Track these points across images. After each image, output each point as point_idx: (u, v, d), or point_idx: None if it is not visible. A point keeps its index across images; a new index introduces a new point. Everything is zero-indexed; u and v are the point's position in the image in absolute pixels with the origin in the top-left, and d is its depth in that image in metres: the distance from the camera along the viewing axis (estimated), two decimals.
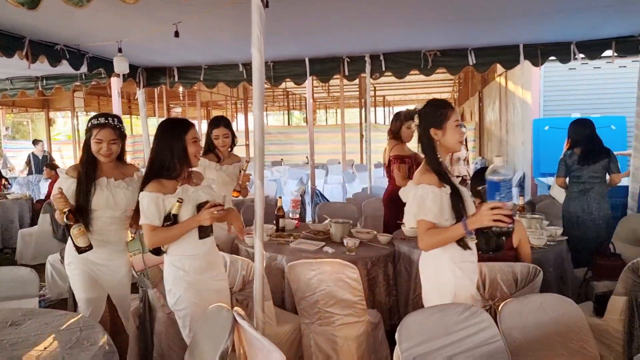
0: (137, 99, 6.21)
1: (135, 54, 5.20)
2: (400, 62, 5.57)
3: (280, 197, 4.10)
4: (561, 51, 5.22)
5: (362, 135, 12.85)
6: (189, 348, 2.02)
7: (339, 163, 11.90)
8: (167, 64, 6.00)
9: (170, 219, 2.41)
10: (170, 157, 2.43)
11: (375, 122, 18.02)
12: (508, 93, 9.58)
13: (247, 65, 5.88)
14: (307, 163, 12.67)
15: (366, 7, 3.89)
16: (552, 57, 5.30)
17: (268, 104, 18.59)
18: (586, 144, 4.40)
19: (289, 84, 8.89)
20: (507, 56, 5.34)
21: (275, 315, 2.97)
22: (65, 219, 2.53)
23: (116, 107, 7.17)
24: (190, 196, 2.46)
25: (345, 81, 10.47)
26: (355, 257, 3.36)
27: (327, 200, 7.22)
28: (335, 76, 6.08)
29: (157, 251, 2.51)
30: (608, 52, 5.21)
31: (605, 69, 7.12)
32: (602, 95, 7.35)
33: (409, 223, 2.24)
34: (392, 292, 3.56)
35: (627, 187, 5.14)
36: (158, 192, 2.41)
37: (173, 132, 2.47)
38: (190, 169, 2.56)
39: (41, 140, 11.77)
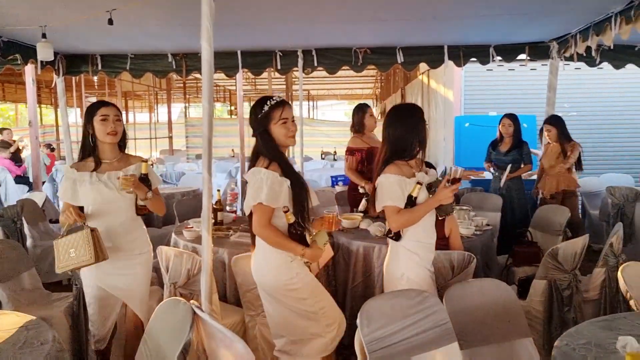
0: (50, 87, 5.86)
1: (56, 40, 4.91)
2: (332, 58, 5.68)
3: (218, 190, 4.07)
4: (481, 53, 5.57)
5: None
6: (143, 341, 1.99)
7: None
8: (90, 51, 5.71)
9: (410, 202, 2.41)
10: (412, 140, 2.46)
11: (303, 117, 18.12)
12: (430, 91, 10.03)
13: (177, 56, 5.74)
14: (233, 156, 12.55)
15: (302, 2, 3.95)
16: (473, 59, 5.64)
17: (191, 95, 18.12)
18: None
19: (215, 76, 8.71)
20: (433, 56, 5.62)
21: (220, 309, 2.97)
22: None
23: (31, 96, 6.70)
24: (424, 180, 2.48)
25: (272, 75, 10.44)
26: None
27: None
28: (266, 69, 6.11)
29: (397, 236, 2.48)
30: (522, 56, 5.63)
31: (518, 71, 7.67)
32: (515, 95, 7.90)
33: None
34: (332, 282, 3.66)
35: None
36: (401, 175, 2.42)
37: (414, 116, 2.51)
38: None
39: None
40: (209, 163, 2.55)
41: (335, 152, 11.79)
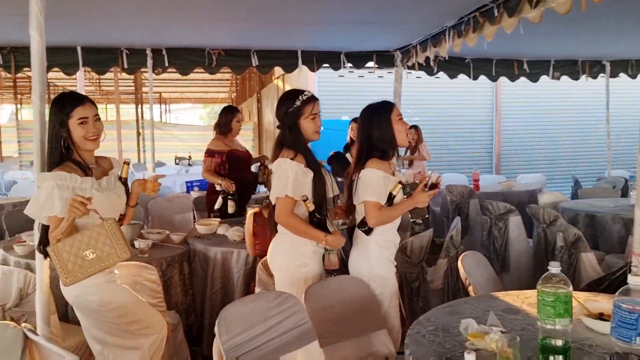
0: None
1: None
2: (184, 59, 5.47)
3: None
4: (333, 59, 5.78)
5: (139, 133, 12.20)
6: None
7: None
8: None
9: (389, 200, 2.45)
10: (392, 140, 2.51)
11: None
12: None
13: (4, 49, 5.08)
14: None
15: None
16: (326, 64, 5.83)
17: (24, 95, 16.25)
18: None
19: (51, 74, 7.85)
20: (287, 60, 5.69)
21: (60, 330, 2.66)
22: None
23: None
24: (403, 180, 2.49)
25: (119, 75, 9.79)
26: (149, 258, 3.21)
27: None
28: (112, 69, 5.70)
29: (370, 230, 2.49)
30: (370, 63, 5.97)
31: (367, 78, 8.12)
32: (365, 100, 8.24)
33: None
34: (189, 292, 3.50)
35: None
36: (385, 172, 2.46)
37: (380, 114, 2.57)
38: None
39: None
40: (42, 169, 2.29)
41: (190, 156, 11.40)
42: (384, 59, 5.92)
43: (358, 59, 5.85)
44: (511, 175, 8.10)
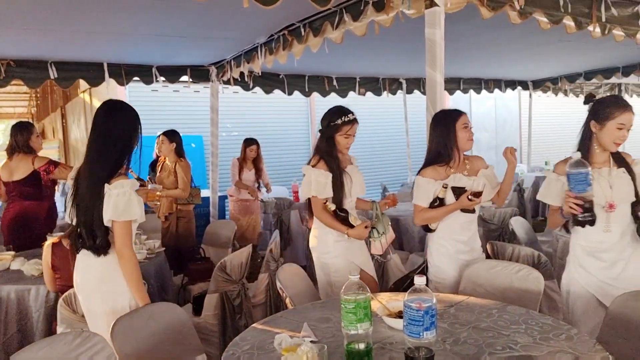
0: None
1: None
2: None
3: None
4: (144, 73, 5.53)
5: None
6: None
7: None
8: None
9: (437, 201, 2.69)
10: (447, 145, 2.68)
11: None
12: (94, 110, 9.41)
13: None
14: None
15: None
16: (136, 78, 5.54)
17: None
18: None
19: None
20: (92, 73, 5.29)
21: None
22: None
23: None
24: (458, 183, 2.68)
25: None
26: None
27: None
28: None
29: (427, 228, 2.81)
30: (185, 78, 5.83)
31: (183, 93, 7.88)
32: (182, 115, 8.06)
33: None
34: None
35: (209, 197, 5.85)
36: (431, 178, 2.71)
37: (446, 122, 2.70)
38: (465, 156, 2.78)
39: None
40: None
41: None
42: (199, 74, 5.85)
43: (171, 73, 5.69)
44: None
